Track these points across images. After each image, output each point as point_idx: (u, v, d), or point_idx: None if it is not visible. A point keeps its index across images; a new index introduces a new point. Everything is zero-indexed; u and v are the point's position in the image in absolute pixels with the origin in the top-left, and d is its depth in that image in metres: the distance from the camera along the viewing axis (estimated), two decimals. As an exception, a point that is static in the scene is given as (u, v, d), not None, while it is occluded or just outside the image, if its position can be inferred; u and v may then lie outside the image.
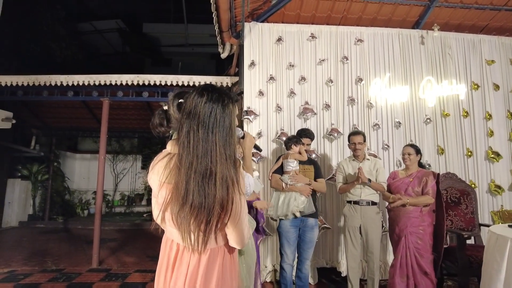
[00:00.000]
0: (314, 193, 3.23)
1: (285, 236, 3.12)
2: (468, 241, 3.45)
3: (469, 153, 4.42)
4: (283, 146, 3.60)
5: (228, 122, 1.17)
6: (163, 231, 1.27)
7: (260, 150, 2.16)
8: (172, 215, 1.13)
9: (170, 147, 1.23)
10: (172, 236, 1.22)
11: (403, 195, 3.20)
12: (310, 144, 3.38)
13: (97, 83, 4.94)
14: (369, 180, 3.24)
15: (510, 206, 4.34)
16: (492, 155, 4.39)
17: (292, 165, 3.13)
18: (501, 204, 4.32)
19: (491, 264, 2.33)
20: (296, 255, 3.23)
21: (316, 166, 3.32)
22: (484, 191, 4.36)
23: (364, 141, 3.45)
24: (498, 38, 4.82)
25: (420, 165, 3.40)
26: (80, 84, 4.93)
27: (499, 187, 4.33)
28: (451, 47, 4.67)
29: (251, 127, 4.19)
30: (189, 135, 1.13)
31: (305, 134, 3.46)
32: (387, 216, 4.07)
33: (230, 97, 1.23)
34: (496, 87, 4.61)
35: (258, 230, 2.84)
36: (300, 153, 3.21)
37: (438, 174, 3.30)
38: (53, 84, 4.90)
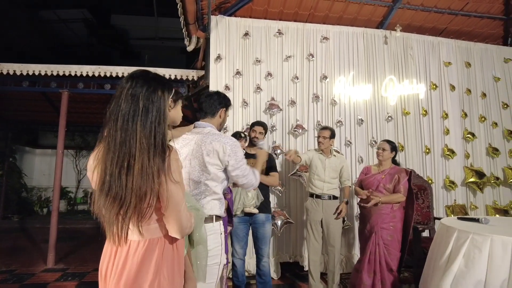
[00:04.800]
0: (267, 187, 3.20)
1: (234, 231, 3.11)
2: (423, 234, 3.60)
3: (427, 150, 4.61)
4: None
5: (154, 109, 1.13)
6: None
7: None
8: (98, 205, 1.11)
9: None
10: None
11: (374, 192, 3.22)
12: (263, 132, 3.23)
13: (55, 74, 4.68)
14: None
15: (462, 200, 4.60)
16: (448, 152, 4.61)
17: None
18: (455, 198, 4.56)
19: (436, 251, 2.45)
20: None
21: (269, 160, 3.23)
22: (439, 186, 4.58)
23: (331, 137, 3.44)
24: (455, 41, 5.06)
25: (395, 162, 3.40)
26: (36, 74, 4.65)
27: (453, 182, 4.56)
28: (412, 48, 4.84)
29: (217, 122, 4.13)
30: (110, 124, 1.10)
31: (256, 123, 3.32)
32: (354, 212, 4.20)
33: (161, 82, 1.19)
34: (452, 87, 4.84)
35: (230, 221, 2.76)
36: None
37: (411, 171, 3.28)
38: (5, 73, 4.58)
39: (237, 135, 3.19)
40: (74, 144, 9.60)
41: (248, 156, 3.18)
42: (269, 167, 3.22)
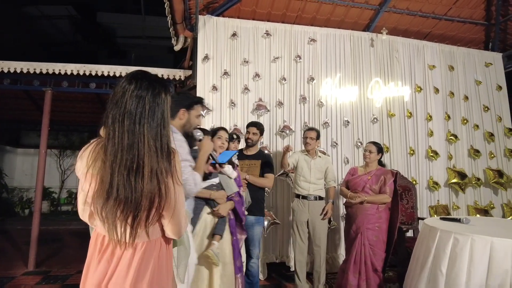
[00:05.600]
0: (261, 190, 3.18)
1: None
2: (407, 234, 3.66)
3: (412, 152, 4.70)
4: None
5: (159, 112, 1.14)
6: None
7: (216, 163, 2.08)
8: (97, 209, 1.09)
9: (102, 132, 1.17)
10: (103, 231, 1.17)
11: (360, 192, 3.24)
12: (256, 133, 3.20)
13: (38, 72, 4.57)
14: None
15: (445, 200, 4.70)
16: (431, 154, 4.71)
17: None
18: (438, 199, 4.66)
19: (420, 250, 2.50)
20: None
21: (265, 161, 3.20)
22: (423, 187, 4.67)
23: (317, 138, 3.49)
24: (439, 45, 5.17)
25: (381, 163, 3.43)
26: (18, 71, 4.52)
27: (436, 183, 4.66)
28: (398, 50, 4.92)
29: (204, 122, 4.11)
30: (114, 126, 1.08)
31: (250, 123, 3.30)
32: (340, 212, 4.24)
33: (163, 85, 1.19)
34: (436, 90, 4.95)
35: (241, 229, 2.71)
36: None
37: (397, 173, 3.30)
38: (-16, 70, 4.45)
39: (228, 137, 3.15)
40: (58, 143, 9.39)
41: (243, 157, 3.18)
42: (265, 167, 3.17)
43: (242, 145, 3.56)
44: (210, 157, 2.13)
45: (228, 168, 2.58)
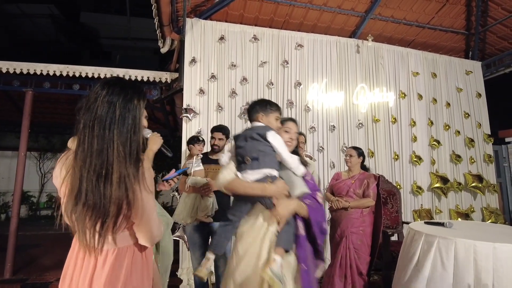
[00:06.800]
0: (228, 195, 3.05)
1: (189, 241, 2.93)
2: (392, 238, 3.71)
3: (396, 157, 4.78)
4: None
5: (130, 118, 1.13)
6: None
7: (170, 154, 1.84)
8: (67, 214, 1.09)
9: (71, 143, 1.17)
10: None
11: (344, 197, 3.27)
12: (223, 138, 3.04)
13: (18, 72, 4.42)
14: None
15: (428, 205, 4.80)
16: (415, 159, 4.80)
17: (190, 166, 2.90)
18: (421, 203, 4.75)
19: (406, 254, 2.53)
20: None
21: None
22: (407, 191, 4.75)
23: (305, 142, 3.52)
24: (422, 52, 5.30)
25: (364, 167, 3.46)
26: (-3, 71, 4.37)
27: (420, 188, 4.75)
28: (383, 57, 5.01)
29: (190, 126, 4.07)
30: (84, 131, 1.08)
31: (216, 128, 3.11)
32: (325, 217, 4.25)
33: (136, 91, 1.19)
34: (420, 96, 5.06)
35: (316, 254, 1.87)
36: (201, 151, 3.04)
37: (379, 177, 3.35)
38: (-40, 69, 4.27)
39: (194, 139, 3.04)
40: (38, 145, 9.12)
41: (209, 161, 3.04)
42: None
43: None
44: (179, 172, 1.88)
45: (292, 159, 1.86)
